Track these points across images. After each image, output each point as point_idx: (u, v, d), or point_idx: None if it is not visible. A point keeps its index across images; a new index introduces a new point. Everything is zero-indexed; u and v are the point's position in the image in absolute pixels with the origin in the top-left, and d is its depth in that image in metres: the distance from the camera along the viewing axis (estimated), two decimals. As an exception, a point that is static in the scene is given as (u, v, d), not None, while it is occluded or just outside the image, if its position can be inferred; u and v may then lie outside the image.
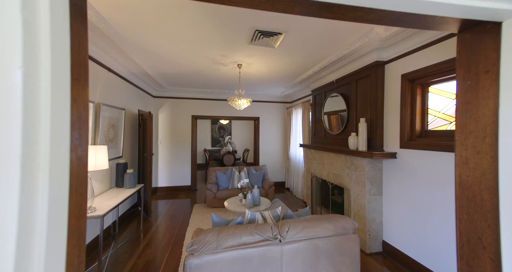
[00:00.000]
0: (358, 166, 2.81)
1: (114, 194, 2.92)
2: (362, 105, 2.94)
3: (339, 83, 3.50)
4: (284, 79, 4.37)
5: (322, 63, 3.25)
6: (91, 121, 2.61)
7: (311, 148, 4.07)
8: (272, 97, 6.17)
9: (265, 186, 4.67)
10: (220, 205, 4.41)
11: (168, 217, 4.03)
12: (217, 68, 3.60)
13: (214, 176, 4.78)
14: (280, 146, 6.34)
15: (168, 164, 5.68)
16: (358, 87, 3.03)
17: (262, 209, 3.19)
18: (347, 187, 3.02)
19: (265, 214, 2.21)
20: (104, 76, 3.05)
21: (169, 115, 5.68)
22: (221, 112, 5.97)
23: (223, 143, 9.91)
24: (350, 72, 3.15)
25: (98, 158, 2.19)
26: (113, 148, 3.29)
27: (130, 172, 3.22)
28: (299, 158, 5.37)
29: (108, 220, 3.24)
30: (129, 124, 3.98)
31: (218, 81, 4.52)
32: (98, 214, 2.15)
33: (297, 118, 5.57)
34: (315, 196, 4.09)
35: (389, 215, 2.59)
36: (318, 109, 4.23)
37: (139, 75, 3.98)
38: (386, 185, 2.64)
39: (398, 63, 2.48)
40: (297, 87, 4.98)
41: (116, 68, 3.34)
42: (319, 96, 4.21)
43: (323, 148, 3.59)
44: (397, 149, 2.47)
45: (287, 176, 6.09)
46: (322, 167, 3.81)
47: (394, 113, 2.52)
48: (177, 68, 3.70)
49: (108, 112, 3.07)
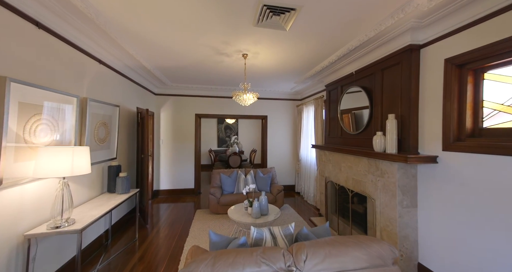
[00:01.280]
0: (386, 172, 2.35)
1: (104, 200, 2.59)
2: (390, 99, 2.48)
3: (359, 75, 3.04)
4: (295, 73, 3.94)
5: (341, 51, 2.80)
6: (74, 118, 2.28)
7: (326, 149, 3.62)
8: (281, 94, 5.74)
9: (274, 190, 4.25)
10: (224, 211, 4.03)
11: (167, 224, 3.69)
12: (219, 59, 3.22)
13: (218, 179, 4.40)
14: (290, 146, 5.91)
15: (170, 166, 5.36)
16: (385, 78, 2.57)
17: (270, 219, 2.77)
18: (371, 196, 2.56)
19: (274, 231, 1.80)
20: (94, 69, 2.73)
21: (172, 114, 5.36)
22: (227, 110, 5.60)
23: (229, 143, 9.56)
24: (374, 61, 2.69)
25: (76, 161, 1.84)
26: (105, 148, 2.96)
27: (123, 176, 2.89)
28: (310, 159, 4.92)
29: (100, 229, 2.91)
30: (125, 123, 3.66)
31: (221, 75, 4.14)
32: (74, 228, 1.80)
33: (308, 117, 5.13)
34: (330, 203, 3.64)
35: (427, 233, 2.12)
36: (333, 106, 3.77)
37: (136, 69, 3.66)
38: (423, 195, 2.16)
39: (439, 45, 2.00)
40: (309, 82, 4.53)
41: (109, 61, 3.02)
42: (334, 92, 3.76)
43: (340, 150, 3.14)
44: (438, 152, 2.00)
45: (297, 179, 5.65)
46: (338, 171, 3.36)
47: (434, 107, 2.05)
48: (176, 61, 3.34)
49: (98, 109, 2.74)
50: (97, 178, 2.81)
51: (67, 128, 2.20)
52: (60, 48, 2.14)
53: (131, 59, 3.20)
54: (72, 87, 2.31)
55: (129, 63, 3.37)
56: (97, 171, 2.83)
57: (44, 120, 1.91)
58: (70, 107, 2.23)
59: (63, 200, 1.86)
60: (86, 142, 2.48)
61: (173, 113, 5.37)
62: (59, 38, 2.12)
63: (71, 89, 2.30)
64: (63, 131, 2.14)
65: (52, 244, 2.08)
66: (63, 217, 1.86)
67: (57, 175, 1.74)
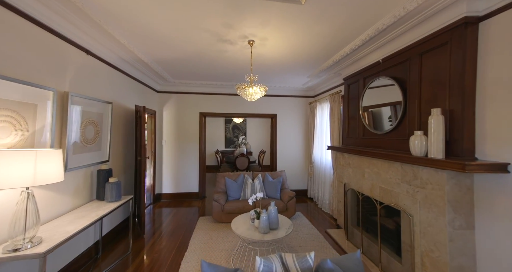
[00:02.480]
0: (429, 181, 1.85)
1: (89, 210, 2.24)
2: (432, 91, 1.98)
3: (387, 63, 2.54)
4: (309, 64, 3.47)
5: (368, 33, 2.32)
6: (50, 115, 1.94)
7: (344, 152, 3.14)
8: (291, 91, 5.28)
9: (284, 197, 3.80)
10: (229, 219, 3.62)
11: (166, 233, 3.33)
12: (222, 48, 2.81)
13: (223, 183, 4.01)
14: (302, 147, 5.43)
15: (173, 168, 5.02)
16: (424, 64, 2.06)
17: (281, 235, 2.33)
18: (407, 211, 2.07)
19: (288, 262, 1.36)
20: (79, 59, 2.40)
21: (175, 112, 5.03)
22: (233, 109, 5.20)
23: (237, 143, 9.18)
24: (409, 45, 2.19)
25: (41, 167, 1.49)
26: (94, 150, 2.63)
27: (112, 181, 2.54)
28: (325, 162, 4.43)
29: (89, 240, 2.58)
30: (121, 122, 3.34)
31: (226, 69, 3.74)
32: (36, 252, 1.44)
33: (322, 115, 4.63)
34: (351, 214, 3.15)
35: (491, 263, 1.61)
36: (353, 102, 3.28)
37: (133, 63, 3.32)
38: (483, 214, 1.65)
39: (510, 14, 1.49)
40: (324, 75, 4.04)
41: (100, 52, 2.68)
42: (354, 85, 3.26)
43: (363, 152, 2.65)
44: (509, 157, 1.49)
45: (310, 183, 5.16)
46: (361, 177, 2.87)
47: (501, 99, 1.54)
48: (174, 52, 2.96)
49: (85, 105, 2.41)
50: (83, 183, 2.48)
51: (40, 128, 1.86)
52: (32, 33, 1.81)
53: (124, 50, 2.86)
54: (49, 80, 1.97)
55: (124, 56, 3.03)
56: (84, 176, 2.49)
57: (3, 117, 1.57)
58: (44, 102, 1.89)
59: (27, 215, 1.51)
60: (68, 143, 2.14)
61: (176, 112, 5.03)
62: (30, 21, 1.78)
63: (47, 81, 1.96)
64: (34, 131, 1.80)
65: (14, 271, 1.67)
66: (26, 236, 1.51)
67: (12, 184, 1.38)
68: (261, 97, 5.21)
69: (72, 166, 2.23)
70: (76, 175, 2.35)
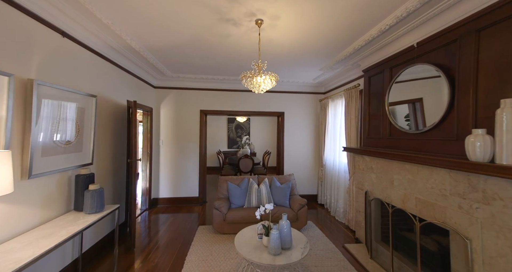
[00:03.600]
0: (498, 196, 1.40)
1: (61, 226, 1.83)
2: (498, 77, 1.52)
3: (424, 48, 2.09)
4: (325, 52, 3.02)
5: (406, 7, 1.86)
6: (5, 107, 1.53)
7: (366, 154, 2.68)
8: (300, 86, 4.83)
9: (294, 205, 3.35)
10: (231, 230, 3.19)
11: (160, 246, 2.90)
12: (225, 31, 2.38)
13: (226, 188, 3.58)
14: (311, 148, 4.97)
15: (171, 170, 4.61)
16: (484, 44, 1.60)
17: (296, 258, 1.89)
18: (462, 232, 1.61)
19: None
20: (53, 42, 1.99)
21: (173, 109, 4.61)
22: (237, 106, 4.76)
23: (240, 144, 8.75)
24: (458, 21, 1.74)
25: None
26: (73, 151, 2.22)
27: (93, 189, 2.13)
28: (339, 165, 3.97)
29: (65, 258, 2.17)
30: (110, 119, 2.93)
31: (229, 59, 3.30)
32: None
33: (335, 113, 4.18)
34: (375, 228, 2.69)
35: None
36: (376, 96, 2.82)
37: (124, 51, 2.91)
38: None
39: None
40: (339, 68, 3.59)
41: (81, 36, 2.27)
42: (377, 78, 2.81)
43: (390, 155, 2.20)
44: None
45: (321, 188, 4.70)
46: (388, 184, 2.41)
47: None
48: (168, 35, 2.54)
49: (59, 97, 2.00)
50: (57, 192, 2.07)
51: (-11, 123, 1.45)
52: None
53: (110, 34, 2.44)
54: (4, 62, 1.56)
55: (111, 42, 2.62)
56: (59, 183, 2.08)
57: None
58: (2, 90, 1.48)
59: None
60: (33, 143, 1.73)
61: (175, 109, 4.62)
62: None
63: (6, 65, 1.55)
64: (-21, 127, 1.39)
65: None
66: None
67: None
68: (267, 94, 4.77)
69: (39, 171, 1.82)
70: (46, 181, 1.93)
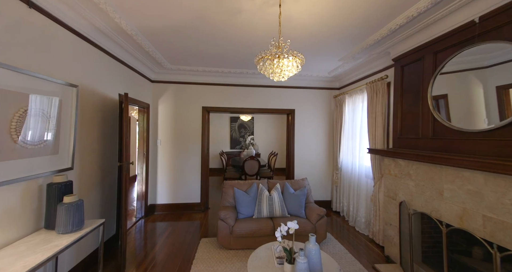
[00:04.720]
0: None
1: (19, 253, 1.37)
2: None
3: (490, 22, 1.63)
4: (352, 35, 2.55)
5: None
6: None
7: (401, 157, 2.23)
8: (313, 81, 4.36)
9: (311, 215, 2.89)
10: (239, 246, 2.73)
11: (156, 265, 2.45)
12: (236, 4, 1.91)
13: (231, 195, 3.12)
14: (324, 149, 4.50)
15: (170, 174, 4.15)
16: None
17: (330, 295, 1.43)
18: None
19: None
20: (13, 13, 1.54)
21: (173, 106, 4.16)
22: (242, 103, 4.30)
23: (243, 144, 8.29)
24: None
25: None
26: (44, 154, 1.77)
27: (68, 202, 1.67)
28: (358, 169, 3.51)
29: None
30: (97, 115, 2.47)
31: (237, 45, 2.84)
32: None
33: (354, 110, 3.71)
34: (416, 247, 2.22)
35: None
36: (412, 89, 2.36)
37: (112, 35, 2.46)
38: None
39: None
40: (363, 57, 3.12)
41: (57, 11, 1.81)
42: (414, 66, 2.35)
43: (439, 159, 1.74)
44: None
45: (335, 193, 4.24)
46: (436, 195, 1.95)
47: None
48: (165, 12, 2.08)
49: (21, 85, 1.55)
50: (21, 205, 1.61)
51: None
52: None
53: (93, 8, 1.98)
54: None
55: (97, 22, 2.16)
56: (23, 194, 1.63)
57: None
58: None
59: None
60: (-20, 143, 1.28)
61: (175, 105, 4.17)
62: None
63: None
64: None
65: None
66: None
67: None
68: (276, 89, 4.32)
69: (-9, 181, 1.37)
70: (3, 193, 1.48)
